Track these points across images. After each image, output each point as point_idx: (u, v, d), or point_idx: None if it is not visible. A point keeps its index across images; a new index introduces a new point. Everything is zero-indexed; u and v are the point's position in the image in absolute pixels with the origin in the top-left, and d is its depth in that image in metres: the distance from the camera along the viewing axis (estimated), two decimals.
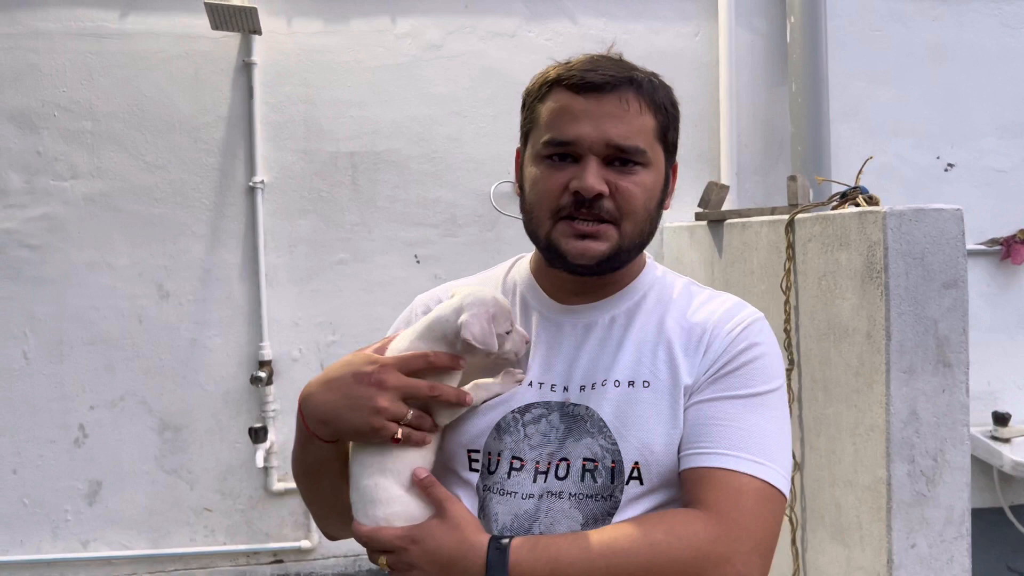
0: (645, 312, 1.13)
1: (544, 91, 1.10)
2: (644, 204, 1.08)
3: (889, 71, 3.06)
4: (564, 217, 1.06)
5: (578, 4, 2.95)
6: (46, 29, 2.73)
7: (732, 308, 1.12)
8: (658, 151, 1.10)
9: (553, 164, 1.07)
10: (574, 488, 1.04)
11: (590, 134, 1.05)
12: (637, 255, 1.13)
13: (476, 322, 1.03)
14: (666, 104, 1.11)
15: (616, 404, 1.05)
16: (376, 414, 1.00)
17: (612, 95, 1.06)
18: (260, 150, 2.81)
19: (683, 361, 1.07)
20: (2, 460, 2.77)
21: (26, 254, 2.75)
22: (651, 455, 1.03)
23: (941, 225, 1.70)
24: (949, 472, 1.72)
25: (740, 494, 1.00)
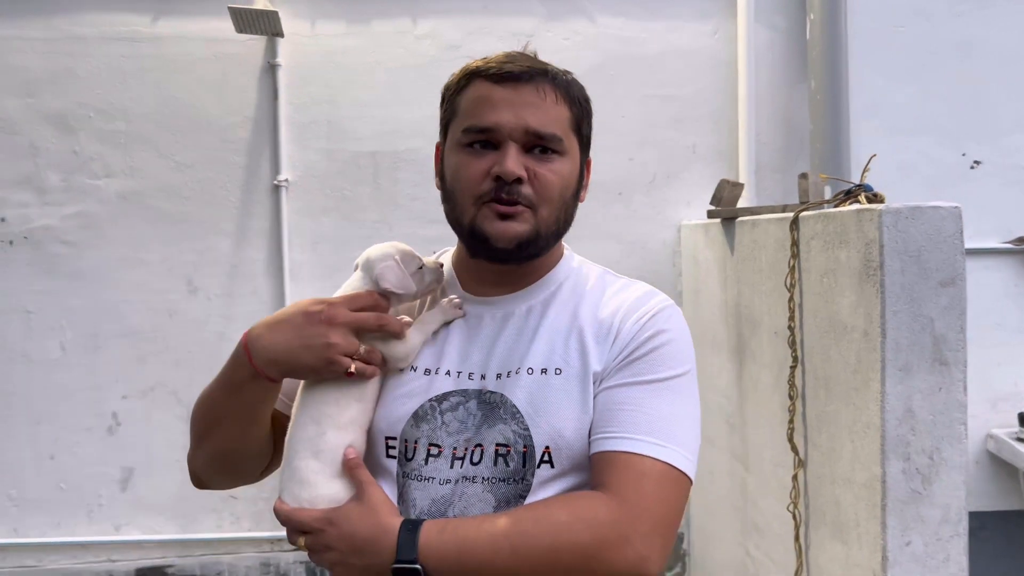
0: (560, 302, 1.16)
1: (463, 83, 1.14)
2: (560, 192, 1.12)
3: (912, 68, 3.03)
4: (487, 202, 1.10)
5: (596, 3, 2.97)
6: (82, 34, 2.85)
7: (642, 296, 1.16)
8: (573, 141, 1.15)
9: (474, 151, 1.11)
10: (487, 473, 1.07)
11: (509, 121, 1.09)
12: (555, 243, 1.17)
13: (389, 272, 1.11)
14: (579, 99, 1.16)
15: (528, 391, 1.09)
16: (329, 348, 1.04)
17: (529, 85, 1.10)
18: (284, 150, 2.90)
19: (593, 349, 1.11)
20: (40, 446, 2.90)
21: (63, 250, 2.88)
22: (561, 440, 1.07)
23: (938, 223, 1.70)
24: (946, 470, 1.72)
25: (642, 476, 1.03)
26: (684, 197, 3.03)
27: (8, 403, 2.88)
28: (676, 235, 3.03)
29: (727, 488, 2.65)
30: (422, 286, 1.15)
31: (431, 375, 1.14)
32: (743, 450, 2.48)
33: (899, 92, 3.03)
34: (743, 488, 2.49)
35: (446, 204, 1.16)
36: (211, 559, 2.97)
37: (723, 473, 2.69)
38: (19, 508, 2.92)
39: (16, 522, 2.92)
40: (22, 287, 2.87)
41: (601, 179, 3.00)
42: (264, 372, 1.07)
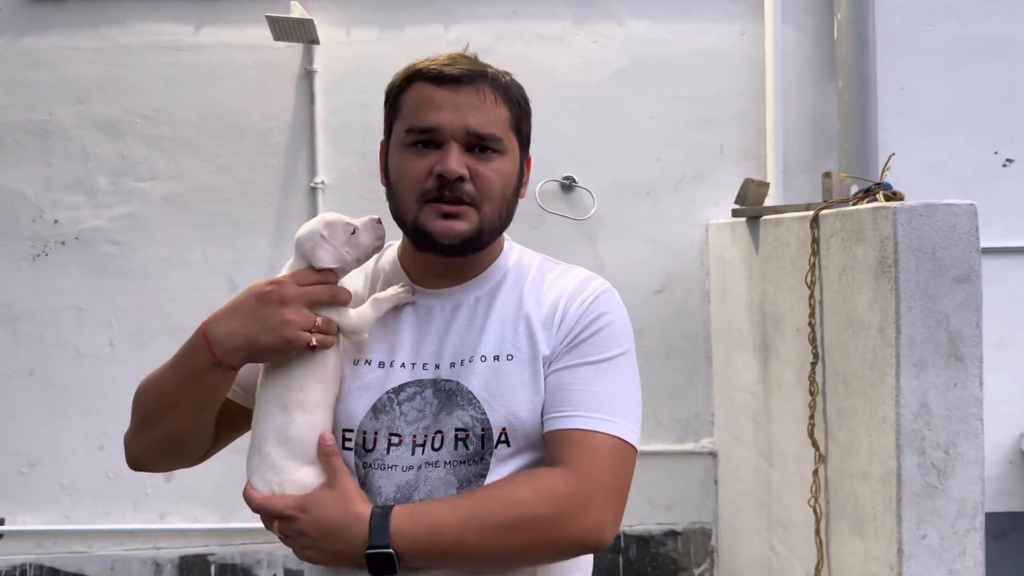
0: (506, 291, 1.22)
1: (405, 84, 1.18)
2: (501, 189, 1.17)
3: (942, 66, 3.02)
4: (430, 200, 1.14)
5: (623, 6, 3.02)
6: (129, 44, 2.99)
7: (582, 282, 1.22)
8: (513, 141, 1.19)
9: (416, 151, 1.15)
10: (448, 457, 1.13)
11: (451, 122, 1.13)
12: (496, 237, 1.22)
13: (320, 250, 1.12)
14: (519, 99, 1.20)
15: (483, 378, 1.15)
16: (286, 326, 1.06)
17: (470, 87, 1.14)
18: (321, 153, 3.00)
19: (541, 334, 1.17)
20: (90, 438, 3.04)
21: (112, 250, 3.01)
22: (516, 420, 1.13)
23: (953, 220, 1.72)
24: (961, 465, 1.74)
25: (595, 451, 1.11)
26: (712, 197, 3.06)
27: (61, 395, 3.02)
28: (704, 234, 3.06)
29: (753, 484, 2.68)
30: (361, 250, 1.16)
31: (386, 367, 1.18)
32: (768, 447, 2.51)
33: (929, 91, 3.02)
34: (768, 484, 2.52)
35: (390, 201, 1.21)
36: (251, 548, 3.07)
37: (749, 470, 2.71)
38: (70, 496, 3.05)
39: (67, 509, 3.05)
40: (74, 286, 3.01)
41: (629, 179, 3.05)
42: (225, 361, 1.09)
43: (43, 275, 3.01)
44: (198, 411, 1.16)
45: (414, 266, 1.24)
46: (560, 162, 3.01)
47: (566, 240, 2.99)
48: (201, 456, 1.27)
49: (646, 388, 1.24)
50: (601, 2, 3.02)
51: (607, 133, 3.04)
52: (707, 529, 3.11)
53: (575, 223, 3.02)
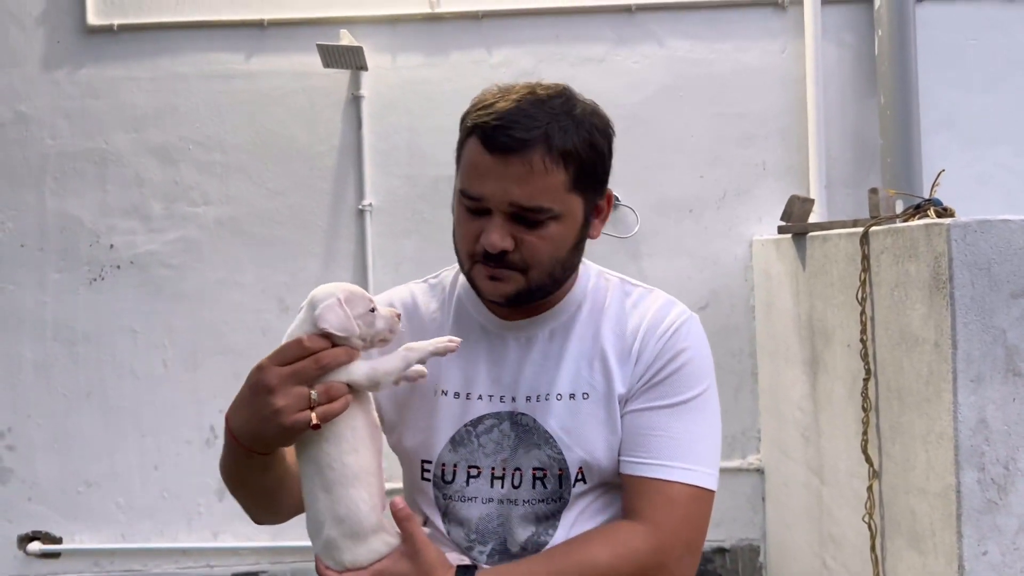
0: (581, 324, 1.21)
1: (464, 136, 1.14)
2: (551, 254, 1.13)
3: (987, 79, 3.02)
4: (477, 262, 1.13)
5: (664, 27, 3.06)
6: (183, 72, 3.08)
7: (661, 309, 1.20)
8: (571, 200, 1.12)
9: (467, 214, 1.13)
10: (527, 495, 1.15)
11: (495, 194, 1.09)
12: (555, 290, 1.18)
13: (330, 313, 1.04)
14: (581, 150, 1.11)
15: (559, 417, 1.15)
16: (279, 415, 1.00)
17: (518, 157, 1.07)
18: (368, 176, 3.06)
19: (617, 371, 1.17)
20: (146, 457, 3.11)
21: (166, 273, 3.09)
22: (593, 460, 1.15)
23: (1008, 236, 1.72)
24: (1021, 480, 1.73)
25: (673, 503, 1.11)
26: (755, 213, 3.07)
27: (117, 416, 3.10)
28: (748, 250, 3.07)
29: (803, 500, 2.68)
30: (370, 331, 1.08)
31: (462, 399, 1.19)
32: (818, 462, 2.51)
33: (973, 104, 3.02)
34: (819, 500, 2.52)
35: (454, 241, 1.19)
36: (301, 566, 3.11)
37: (799, 485, 2.71)
38: (126, 515, 3.12)
39: (124, 528, 3.12)
40: (129, 308, 3.09)
41: (673, 196, 3.08)
42: (254, 450, 1.06)
43: (100, 299, 3.10)
44: (266, 481, 1.15)
45: None
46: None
47: (610, 258, 3.02)
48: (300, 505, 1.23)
49: None
50: (642, 23, 3.06)
51: (650, 151, 3.07)
52: (755, 546, 3.10)
53: (619, 241, 3.05)
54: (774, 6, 3.05)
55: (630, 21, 3.05)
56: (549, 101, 1.11)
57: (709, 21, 3.06)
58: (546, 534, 1.15)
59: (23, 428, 3.10)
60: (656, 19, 3.05)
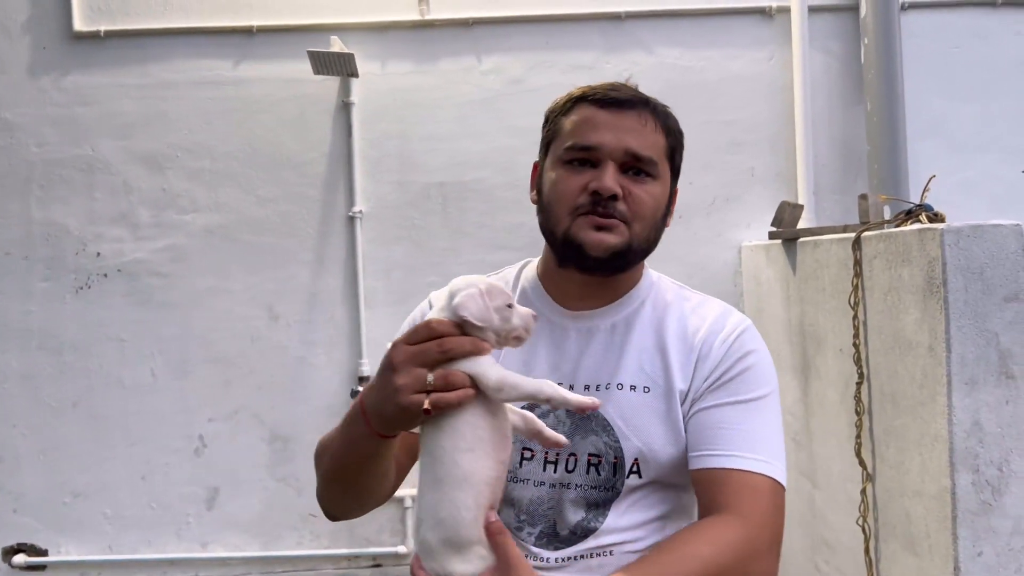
0: (643, 320, 1.24)
1: (568, 106, 1.24)
2: (652, 211, 1.21)
3: (971, 87, 3.06)
4: (582, 214, 1.18)
5: (653, 35, 3.08)
6: (172, 79, 3.06)
7: (721, 315, 1.24)
8: (666, 168, 1.24)
9: (573, 168, 1.20)
10: (580, 480, 1.16)
11: (610, 141, 1.18)
12: (642, 259, 1.25)
13: (470, 300, 1.03)
14: (675, 130, 1.26)
15: (619, 407, 1.18)
16: (398, 392, 1.00)
17: (632, 111, 1.20)
18: (359, 183, 3.05)
19: (677, 368, 1.19)
20: (133, 467, 3.07)
21: (155, 281, 3.06)
22: (650, 453, 1.16)
23: (1000, 240, 1.74)
24: (1016, 482, 1.75)
25: (756, 492, 1.12)
26: (744, 219, 3.09)
27: (105, 426, 3.07)
28: (737, 256, 3.09)
29: (794, 505, 2.69)
30: (506, 325, 1.06)
31: None
32: (810, 466, 2.53)
33: (958, 111, 3.06)
34: (811, 504, 2.53)
35: (540, 215, 1.25)
36: (292, 575, 3.09)
37: (790, 490, 2.70)
38: (113, 526, 3.09)
39: (111, 539, 3.09)
40: (116, 317, 3.06)
41: None
42: (376, 430, 1.07)
43: (87, 307, 3.07)
44: (372, 469, 1.17)
45: (554, 286, 1.27)
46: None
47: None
48: (389, 494, 1.28)
49: None
50: (631, 31, 3.08)
51: None
52: None
53: None
54: (761, 14, 3.08)
55: (620, 29, 3.07)
56: (638, 89, 1.26)
57: (698, 29, 3.08)
58: (596, 520, 1.16)
59: (8, 438, 3.06)
60: (645, 27, 3.07)
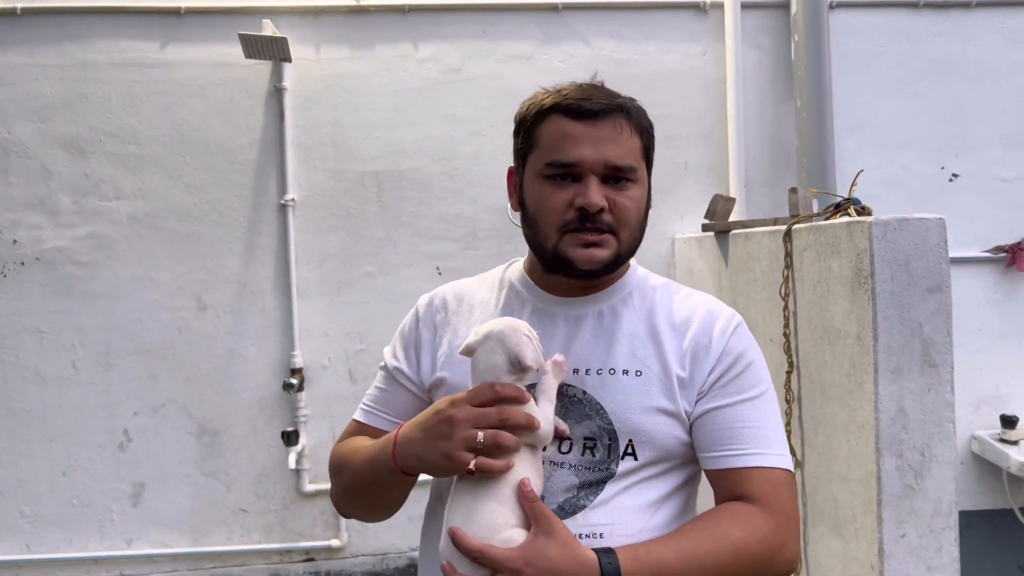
0: (631, 307, 1.26)
1: (541, 116, 1.22)
2: (637, 215, 1.22)
3: (894, 85, 3.16)
4: (570, 230, 1.19)
5: (590, 27, 3.09)
6: (93, 60, 2.94)
7: (714, 307, 1.27)
8: (643, 168, 1.25)
9: (556, 183, 1.20)
10: (574, 461, 1.18)
11: (590, 156, 1.18)
12: (629, 259, 1.27)
13: (528, 348, 1.11)
14: (647, 126, 1.26)
15: (612, 390, 1.19)
16: (449, 444, 1.07)
17: (607, 120, 1.19)
18: (291, 170, 2.99)
19: (671, 354, 1.21)
20: (53, 463, 2.96)
21: (76, 270, 2.94)
22: (644, 435, 1.18)
23: (924, 233, 1.81)
24: (936, 466, 1.82)
25: (777, 486, 1.19)
26: (677, 211, 3.14)
27: (22, 421, 2.94)
28: (670, 248, 3.14)
29: None
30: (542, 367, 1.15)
31: None
32: None
33: (882, 109, 3.16)
34: None
35: (528, 229, 1.25)
36: (222, 571, 3.02)
37: None
38: (32, 524, 2.97)
39: (29, 538, 2.96)
40: (35, 307, 2.94)
41: None
42: (401, 467, 1.14)
43: (2, 297, 2.93)
44: (392, 495, 1.25)
45: (544, 281, 1.28)
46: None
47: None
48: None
49: None
50: (569, 22, 3.08)
51: None
52: None
53: None
54: (696, 9, 3.12)
55: (557, 20, 3.07)
56: (607, 88, 1.24)
57: (634, 22, 3.11)
58: (587, 499, 1.17)
59: None
60: (582, 18, 3.08)
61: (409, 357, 1.32)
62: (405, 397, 1.31)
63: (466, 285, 1.37)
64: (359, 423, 1.35)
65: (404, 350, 1.33)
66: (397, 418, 1.30)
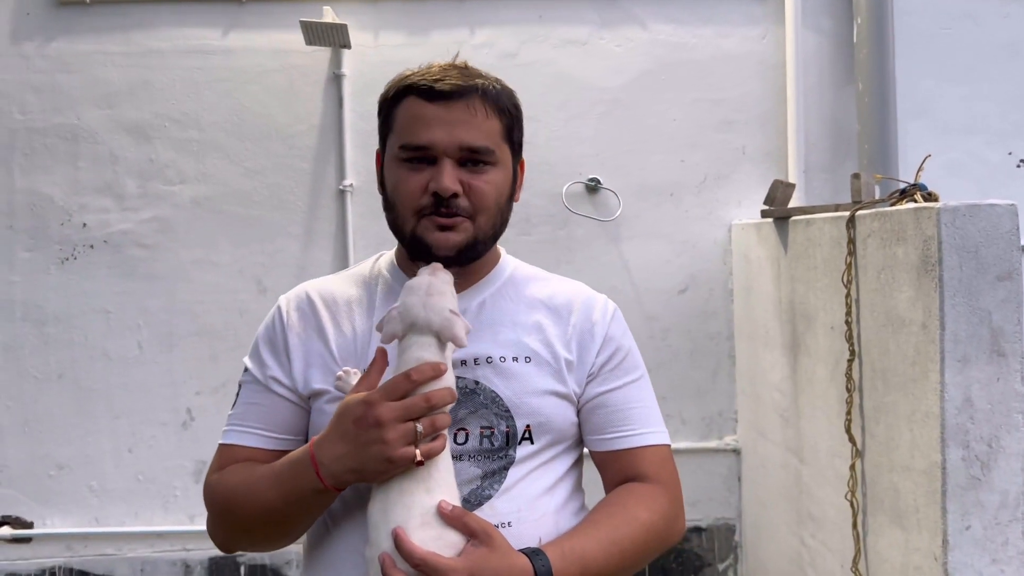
0: (510, 298, 1.28)
1: (397, 98, 1.22)
2: (495, 200, 1.21)
3: (959, 69, 3.09)
4: (427, 215, 1.18)
5: (648, 11, 3.07)
6: (158, 48, 3.01)
7: (587, 292, 1.33)
8: (505, 150, 1.23)
9: (411, 167, 1.18)
10: (473, 451, 1.18)
11: (443, 139, 1.16)
12: (492, 245, 1.27)
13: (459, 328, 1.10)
14: (509, 107, 1.23)
15: (505, 378, 1.20)
16: (387, 448, 1.03)
17: (460, 102, 1.17)
18: (349, 155, 3.03)
19: (555, 338, 1.24)
20: (120, 440, 3.05)
21: (140, 253, 3.03)
22: (541, 418, 1.20)
23: (995, 220, 1.77)
24: (1004, 458, 1.79)
25: (666, 462, 1.28)
26: (734, 197, 3.11)
27: (89, 399, 3.04)
28: (727, 235, 3.11)
29: (780, 480, 2.73)
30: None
31: None
32: (798, 443, 2.56)
33: (947, 92, 3.09)
34: (798, 479, 2.57)
35: (388, 213, 1.25)
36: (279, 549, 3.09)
37: (776, 466, 2.76)
38: (99, 499, 3.07)
39: (97, 512, 3.07)
40: (102, 289, 3.03)
41: (652, 180, 3.10)
42: (334, 486, 1.08)
43: (72, 279, 3.02)
44: (309, 518, 1.18)
45: (413, 271, 1.22)
46: (585, 164, 3.05)
47: (591, 241, 3.03)
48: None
49: (671, 386, 1.32)
50: (625, 6, 3.06)
51: (631, 135, 3.08)
52: (731, 525, 3.16)
53: (600, 224, 3.06)
54: None
55: (613, 4, 3.05)
56: (468, 69, 1.24)
57: (691, 6, 3.07)
58: (491, 488, 1.17)
59: None
60: (639, 2, 3.06)
61: (281, 363, 1.25)
62: (282, 407, 1.23)
63: (331, 282, 1.33)
64: (231, 447, 1.25)
65: (274, 356, 1.26)
66: (276, 433, 1.23)
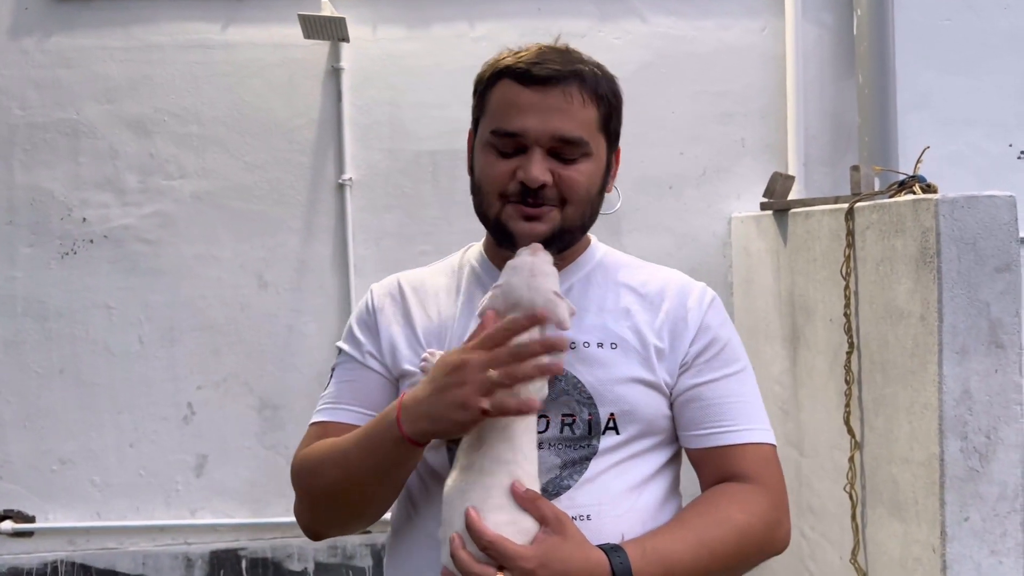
0: (598, 284, 1.23)
1: (493, 80, 1.18)
2: (586, 191, 1.16)
3: (960, 61, 3.08)
4: (512, 201, 1.15)
5: (647, 3, 3.06)
6: (158, 42, 3.01)
7: (686, 281, 1.25)
8: (600, 140, 1.18)
9: (501, 152, 1.15)
10: (554, 439, 1.13)
11: (536, 127, 1.12)
12: (581, 236, 1.23)
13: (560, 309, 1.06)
14: (608, 95, 1.18)
15: (589, 364, 1.15)
16: (461, 390, 0.99)
17: (556, 88, 1.12)
18: (348, 150, 3.03)
19: (644, 325, 1.19)
20: (121, 435, 3.06)
21: (142, 248, 3.03)
22: (626, 406, 1.15)
23: (993, 212, 1.77)
24: (1002, 449, 1.79)
25: (770, 462, 1.18)
26: (734, 190, 3.10)
27: (92, 393, 3.05)
28: (727, 227, 3.11)
29: None
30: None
31: None
32: (797, 435, 2.56)
33: (947, 85, 3.08)
34: (798, 471, 2.57)
35: (474, 196, 1.22)
36: (281, 542, 3.10)
37: None
38: (101, 493, 3.08)
39: (99, 506, 3.08)
40: (103, 284, 3.03)
41: (652, 173, 3.10)
42: (409, 436, 1.03)
43: (72, 274, 3.03)
44: (384, 485, 1.13)
45: (500, 259, 1.21)
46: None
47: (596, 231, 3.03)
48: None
49: None
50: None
51: (631, 128, 2.99)
52: None
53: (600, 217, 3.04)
54: None
55: None
56: (569, 52, 1.18)
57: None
58: (571, 479, 1.13)
59: None
60: None
61: (375, 341, 1.24)
62: (376, 383, 1.22)
63: (421, 274, 1.32)
64: (323, 424, 1.23)
65: (368, 335, 1.25)
66: (368, 409, 1.20)
